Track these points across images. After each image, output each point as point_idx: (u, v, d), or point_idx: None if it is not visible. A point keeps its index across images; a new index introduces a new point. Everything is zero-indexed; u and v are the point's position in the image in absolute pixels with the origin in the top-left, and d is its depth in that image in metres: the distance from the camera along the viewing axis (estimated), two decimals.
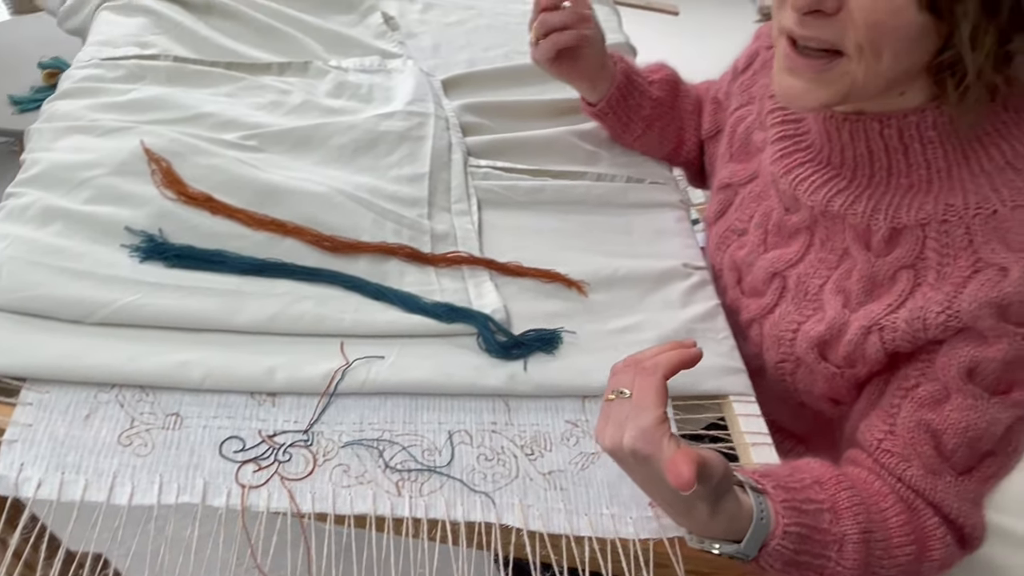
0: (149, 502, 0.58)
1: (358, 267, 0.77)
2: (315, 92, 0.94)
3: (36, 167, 0.75)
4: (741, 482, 0.59)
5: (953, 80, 0.57)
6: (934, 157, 0.62)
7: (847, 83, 0.59)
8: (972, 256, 0.60)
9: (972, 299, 0.60)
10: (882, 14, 0.54)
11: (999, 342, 0.60)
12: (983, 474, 0.64)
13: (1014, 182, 0.59)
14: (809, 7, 0.56)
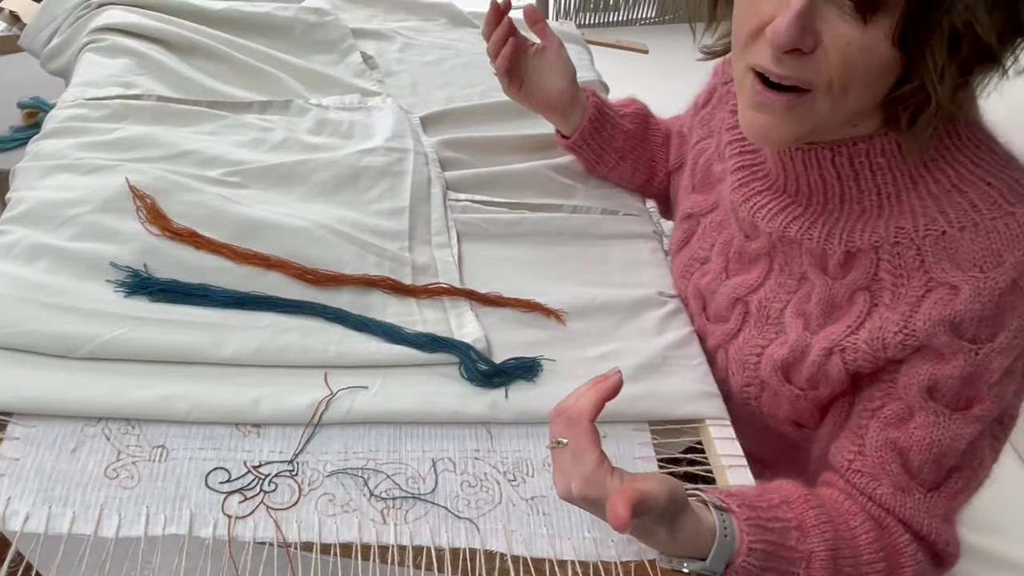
0: (136, 534, 0.59)
1: (341, 299, 0.79)
2: (296, 129, 0.96)
3: (22, 205, 0.76)
4: (705, 501, 0.61)
5: (906, 111, 0.60)
6: (884, 183, 0.65)
7: (813, 118, 0.61)
8: (924, 276, 0.63)
9: (926, 318, 0.62)
10: (856, 51, 0.56)
11: (955, 359, 0.62)
12: (951, 490, 0.66)
13: (960, 204, 0.62)
14: (791, 46, 0.57)
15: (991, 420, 0.64)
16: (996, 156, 0.63)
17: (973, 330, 0.61)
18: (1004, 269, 0.60)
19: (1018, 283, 0.60)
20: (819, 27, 0.56)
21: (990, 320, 0.61)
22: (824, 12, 0.55)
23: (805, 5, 0.54)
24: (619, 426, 0.76)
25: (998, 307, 0.60)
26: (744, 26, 0.60)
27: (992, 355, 0.61)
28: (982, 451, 0.65)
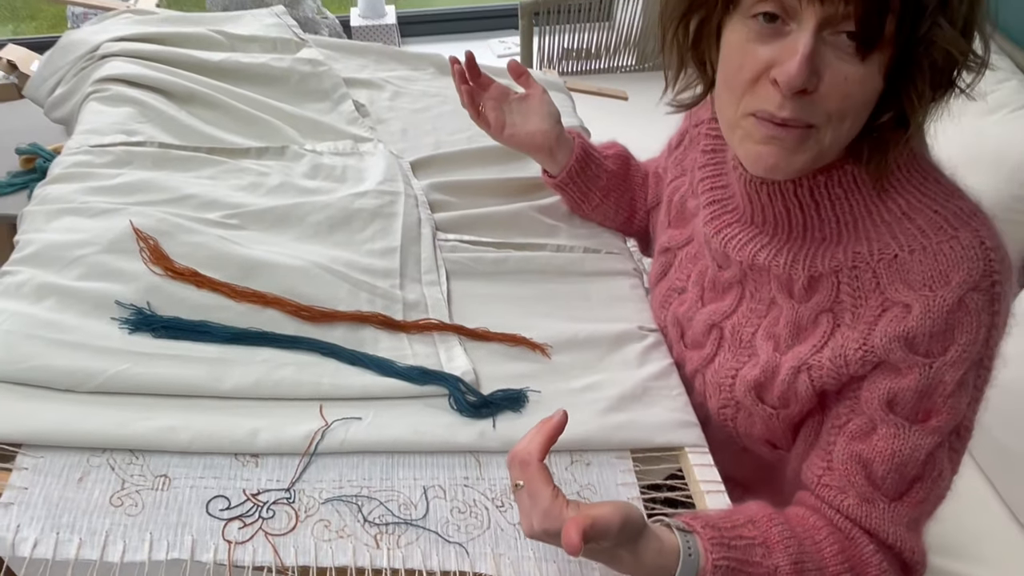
0: (140, 559, 0.61)
1: (335, 335, 0.82)
2: (292, 174, 1.01)
3: (31, 247, 0.80)
4: (670, 525, 0.65)
5: (871, 142, 0.65)
6: (841, 212, 0.70)
7: (817, 149, 0.65)
8: (880, 297, 0.68)
9: (883, 335, 0.67)
10: (853, 86, 0.60)
11: (911, 373, 0.66)
12: (913, 499, 0.70)
13: (910, 230, 0.67)
14: (801, 87, 0.60)
15: (948, 432, 0.68)
16: (941, 186, 0.68)
17: (926, 345, 0.66)
18: (951, 288, 0.65)
19: (964, 300, 0.65)
20: (821, 68, 0.60)
21: (941, 335, 0.65)
22: (824, 54, 0.60)
23: (811, 49, 0.59)
24: (602, 454, 0.80)
25: (947, 323, 0.65)
26: (742, 74, 0.64)
27: (945, 368, 0.66)
28: (941, 462, 0.69)
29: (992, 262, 0.65)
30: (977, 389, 0.69)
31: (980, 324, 0.65)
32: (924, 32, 0.57)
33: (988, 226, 0.67)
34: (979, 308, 0.65)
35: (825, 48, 0.60)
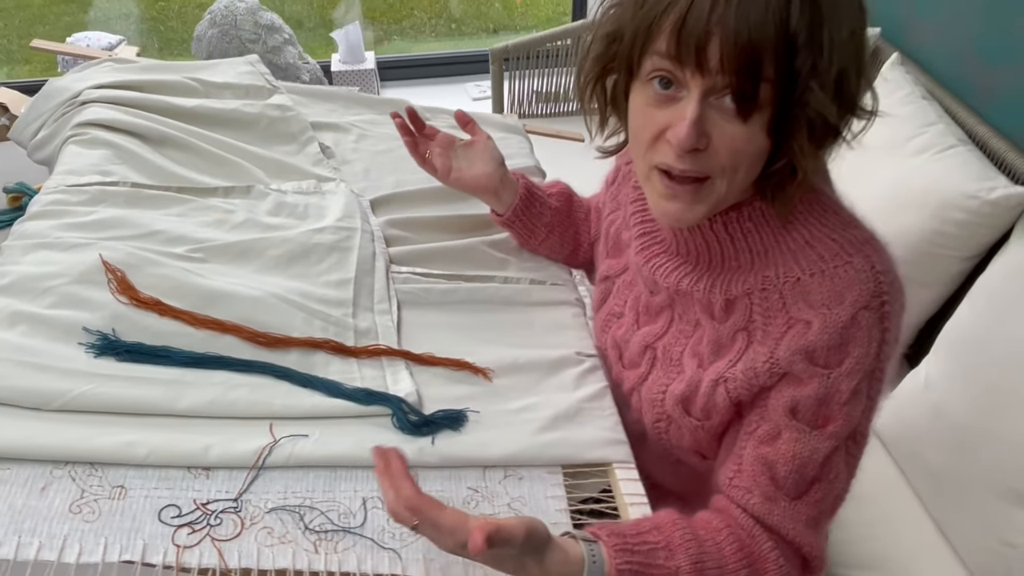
0: (95, 560, 0.67)
1: (289, 359, 0.89)
2: (256, 211, 1.08)
3: (6, 278, 0.87)
4: (575, 536, 0.71)
5: (771, 184, 0.73)
6: (752, 243, 0.78)
7: (715, 198, 0.73)
8: (785, 315, 0.75)
9: (787, 349, 0.74)
10: (739, 143, 0.69)
11: (811, 382, 0.74)
12: (812, 498, 0.76)
13: (811, 256, 0.75)
14: (691, 147, 0.69)
15: (844, 437, 0.75)
16: (839, 217, 0.76)
17: (824, 357, 0.73)
18: (845, 306, 0.72)
19: (856, 318, 0.72)
20: (709, 129, 0.69)
21: (837, 348, 0.73)
22: (711, 116, 0.68)
23: (698, 114, 0.68)
24: (535, 469, 0.86)
25: (842, 337, 0.72)
26: (644, 133, 0.73)
27: (840, 378, 0.73)
28: (838, 465, 0.76)
29: (882, 284, 0.73)
30: (870, 399, 0.76)
31: (871, 339, 0.73)
32: (798, 96, 0.65)
33: (880, 252, 0.75)
34: (870, 324, 0.72)
35: (712, 111, 0.68)
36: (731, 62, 0.64)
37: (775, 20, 0.63)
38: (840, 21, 0.65)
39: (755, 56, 0.63)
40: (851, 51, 0.66)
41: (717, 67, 0.65)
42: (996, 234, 1.25)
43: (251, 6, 2.21)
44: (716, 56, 0.64)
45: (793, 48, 0.64)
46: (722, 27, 0.63)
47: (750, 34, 0.63)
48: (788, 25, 0.63)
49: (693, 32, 0.64)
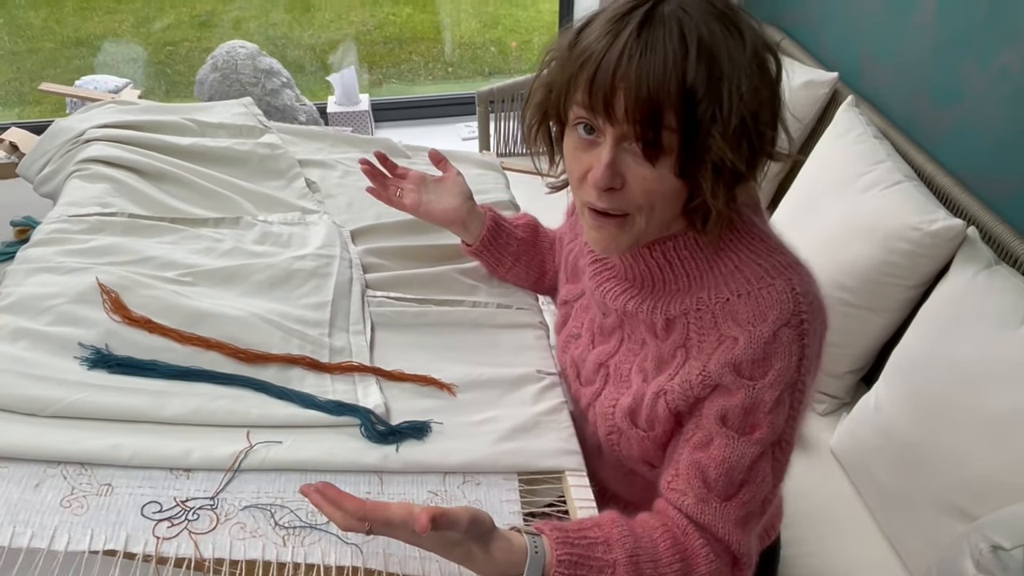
0: (81, 549, 0.74)
1: (267, 374, 0.97)
2: (243, 240, 1.17)
3: (9, 298, 0.95)
4: (520, 530, 0.78)
5: (698, 217, 0.81)
6: (688, 268, 0.86)
7: (636, 231, 0.82)
8: (717, 333, 0.83)
9: (717, 362, 0.82)
10: (651, 184, 0.78)
11: (739, 392, 0.81)
12: (741, 500, 0.83)
13: (739, 279, 0.83)
14: (607, 187, 0.78)
15: (770, 444, 0.82)
16: (766, 244, 0.84)
17: (749, 370, 0.80)
18: (767, 324, 0.80)
19: (778, 334, 0.79)
20: (623, 171, 0.78)
21: (761, 362, 0.80)
22: (626, 160, 0.77)
23: (612, 158, 0.77)
24: (492, 476, 0.93)
25: (765, 352, 0.80)
26: (573, 174, 0.83)
27: (764, 389, 0.80)
28: (764, 469, 0.83)
29: (801, 304, 0.80)
30: (793, 409, 0.83)
31: (791, 353, 0.80)
32: (701, 143, 0.74)
33: (801, 276, 0.83)
34: (790, 340, 0.80)
35: (625, 155, 0.77)
36: (634, 113, 0.73)
37: (674, 76, 0.71)
38: (739, 76, 0.73)
39: (655, 107, 0.72)
40: (754, 103, 0.74)
41: (623, 117, 0.73)
42: (938, 264, 1.33)
43: (251, 52, 2.33)
44: (622, 107, 0.73)
45: (693, 100, 0.72)
46: (625, 82, 0.72)
47: (650, 88, 0.71)
48: (685, 80, 0.71)
49: (601, 86, 0.73)
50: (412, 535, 0.73)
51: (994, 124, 1.41)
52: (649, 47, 0.72)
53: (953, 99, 1.51)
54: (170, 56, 4.11)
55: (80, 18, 4.34)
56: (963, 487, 1.13)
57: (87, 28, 4.27)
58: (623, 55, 0.73)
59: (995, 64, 1.40)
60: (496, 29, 4.45)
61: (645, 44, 0.72)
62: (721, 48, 0.72)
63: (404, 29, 4.39)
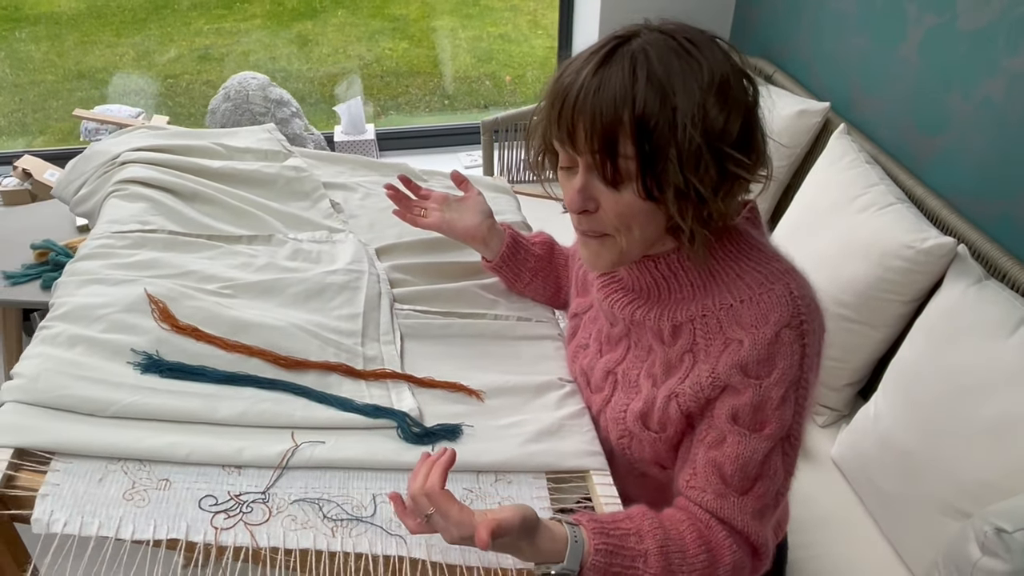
0: (146, 538, 0.79)
1: (306, 380, 1.02)
2: (276, 257, 1.22)
3: (64, 307, 1.00)
4: (560, 520, 0.83)
5: (682, 234, 0.87)
6: (691, 279, 0.92)
7: (617, 250, 0.89)
8: (722, 336, 0.89)
9: (725, 364, 0.87)
10: (621, 207, 0.84)
11: (747, 392, 0.87)
12: (756, 493, 0.88)
13: (740, 287, 0.89)
14: (581, 210, 0.86)
15: (779, 438, 0.88)
16: (763, 253, 0.91)
17: (756, 370, 0.86)
18: (769, 326, 0.86)
19: (779, 335, 0.86)
20: (596, 195, 0.85)
21: (765, 361, 0.86)
22: (596, 185, 0.85)
23: (583, 184, 0.84)
24: (522, 475, 0.98)
25: (769, 352, 0.86)
26: (564, 198, 0.90)
27: (770, 387, 0.86)
28: (776, 463, 0.88)
29: (799, 306, 0.87)
30: (799, 405, 0.89)
31: (793, 352, 0.86)
32: (660, 168, 0.80)
33: (797, 280, 0.89)
34: (791, 340, 0.86)
35: (596, 182, 0.84)
36: (591, 143, 0.80)
37: (625, 107, 0.78)
38: (692, 104, 0.78)
39: (611, 137, 0.79)
40: (714, 127, 0.79)
41: (585, 147, 0.81)
42: (931, 279, 1.40)
43: (262, 83, 2.41)
44: (582, 138, 0.81)
45: (646, 128, 0.78)
46: (583, 115, 0.80)
47: (603, 120, 0.78)
48: (635, 109, 0.77)
49: (565, 120, 0.81)
50: (462, 539, 0.78)
51: (979, 150, 1.50)
52: (603, 82, 0.79)
53: (940, 127, 1.60)
54: (171, 88, 4.19)
55: (81, 52, 4.42)
56: (961, 491, 1.19)
57: (88, 61, 4.35)
58: (581, 91, 0.80)
59: (978, 94, 1.50)
60: (490, 63, 4.57)
61: (600, 80, 0.79)
62: (675, 78, 0.78)
63: (401, 63, 4.49)
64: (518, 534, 0.78)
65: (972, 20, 1.51)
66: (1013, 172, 1.42)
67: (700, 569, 0.85)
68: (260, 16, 4.85)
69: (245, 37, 4.60)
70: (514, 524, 0.76)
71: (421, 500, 0.79)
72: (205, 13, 4.82)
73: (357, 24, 4.83)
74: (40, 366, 0.91)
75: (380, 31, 4.78)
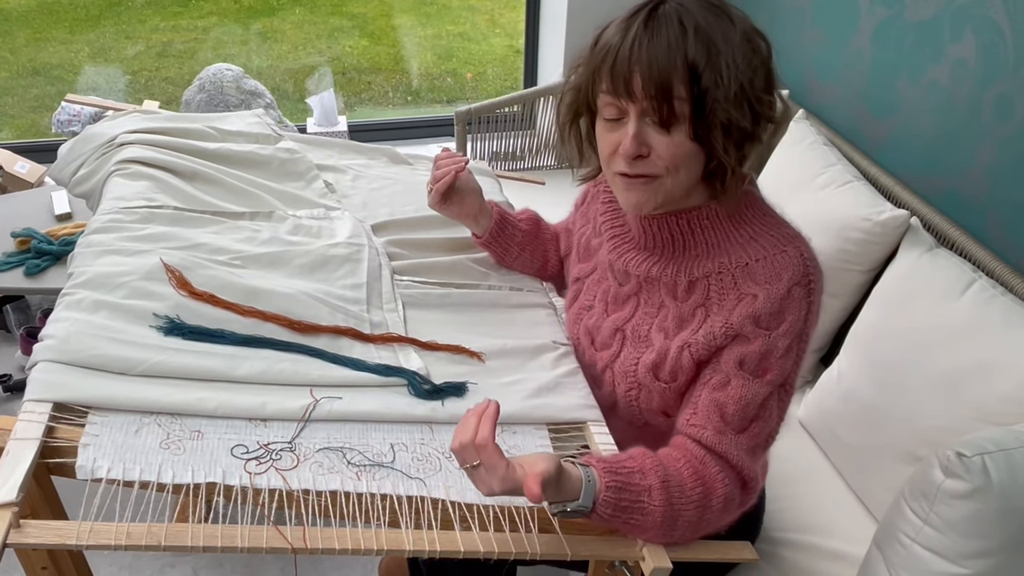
0: (186, 482, 0.84)
1: (319, 342, 1.07)
2: (278, 232, 1.27)
3: (84, 276, 1.04)
4: (574, 462, 0.90)
5: (716, 181, 0.96)
6: (709, 236, 1.01)
7: (664, 191, 0.96)
8: (736, 292, 0.98)
9: (739, 316, 0.96)
10: (672, 148, 0.92)
11: (756, 340, 0.96)
12: (752, 432, 0.97)
13: (755, 247, 0.98)
14: (636, 155, 0.93)
15: (778, 385, 0.97)
16: (775, 219, 1.01)
17: (767, 321, 0.95)
18: (783, 283, 0.95)
19: (791, 291, 0.95)
20: (648, 140, 0.92)
21: (776, 314, 0.95)
22: (648, 131, 0.92)
23: (637, 130, 0.91)
24: (526, 427, 1.06)
25: (780, 306, 0.95)
26: (605, 151, 0.97)
27: (778, 338, 0.95)
28: (772, 407, 0.98)
29: (808, 267, 0.96)
30: (798, 356, 0.98)
31: (801, 308, 0.96)
32: (709, 108, 0.89)
33: (805, 244, 0.99)
34: (800, 297, 0.95)
35: (647, 127, 0.92)
36: (648, 89, 0.88)
37: (678, 55, 0.87)
38: (732, 52, 0.88)
39: (666, 82, 0.88)
40: (748, 72, 0.89)
41: (641, 94, 0.89)
42: (887, 250, 1.52)
43: (236, 74, 2.44)
44: (639, 86, 0.89)
45: (696, 73, 0.87)
46: (639, 65, 0.88)
47: (659, 67, 0.87)
48: (687, 57, 0.87)
49: (621, 72, 0.89)
50: (505, 491, 0.81)
51: (927, 131, 1.62)
52: (655, 34, 0.88)
53: (891, 111, 1.72)
54: (130, 85, 4.15)
55: (34, 49, 4.35)
56: (919, 438, 1.30)
57: (42, 58, 4.28)
58: (634, 44, 0.89)
59: (925, 80, 1.62)
60: (451, 61, 4.63)
61: (652, 32, 0.88)
62: (715, 31, 0.88)
63: (362, 60, 4.53)
64: (554, 481, 0.83)
65: (919, 11, 1.63)
66: (958, 151, 1.55)
67: (697, 500, 0.93)
68: (216, 13, 4.83)
69: (203, 34, 4.58)
70: (552, 473, 0.82)
71: (470, 451, 0.82)
72: (161, 10, 4.78)
73: (316, 22, 4.85)
74: (69, 328, 0.95)
75: (340, 29, 4.81)
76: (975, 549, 0.95)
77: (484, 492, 0.84)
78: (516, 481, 0.81)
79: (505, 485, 0.81)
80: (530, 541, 0.89)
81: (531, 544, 0.88)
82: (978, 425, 1.20)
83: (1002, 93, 1.44)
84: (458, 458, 0.84)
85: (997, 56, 1.44)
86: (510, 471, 0.81)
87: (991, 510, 0.93)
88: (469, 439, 0.82)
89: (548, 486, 0.82)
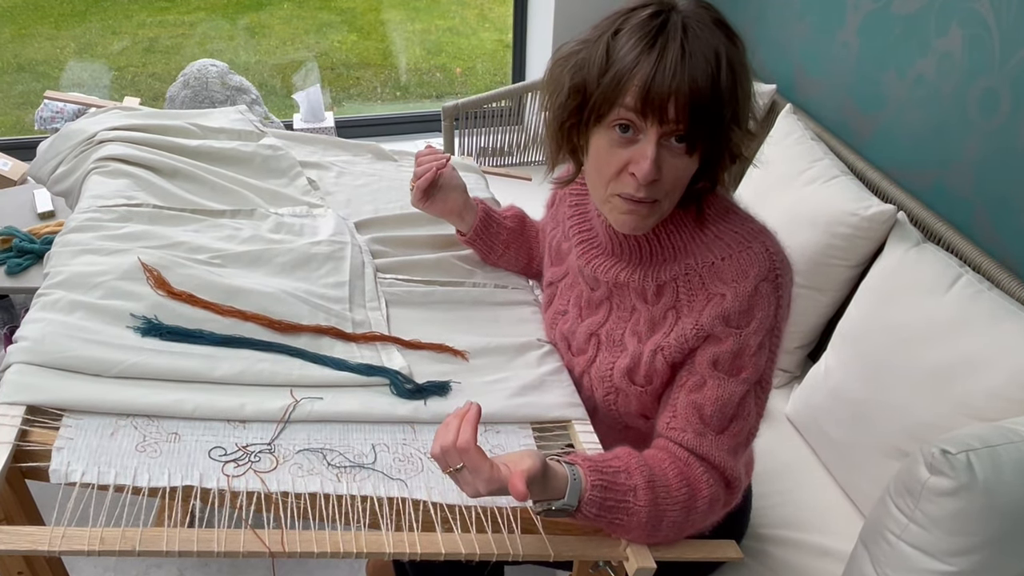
0: (162, 485, 0.82)
1: (300, 342, 1.06)
2: (260, 230, 1.26)
3: (60, 276, 1.03)
4: (559, 460, 0.89)
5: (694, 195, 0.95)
6: (675, 240, 1.00)
7: (660, 214, 0.95)
8: (705, 292, 0.97)
9: (709, 316, 0.95)
10: (681, 172, 0.90)
11: (728, 340, 0.95)
12: (731, 432, 0.96)
13: (721, 246, 0.97)
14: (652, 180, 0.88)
15: (753, 382, 0.96)
16: (739, 216, 0.99)
17: (736, 320, 0.95)
18: (749, 280, 0.94)
19: (758, 288, 0.94)
20: (661, 163, 0.88)
21: (745, 312, 0.94)
22: (662, 153, 0.88)
23: (655, 154, 0.87)
24: (509, 426, 1.05)
25: (749, 303, 0.94)
26: (608, 168, 0.92)
27: (749, 335, 0.94)
28: (750, 405, 0.97)
29: (774, 261, 0.95)
30: (772, 351, 0.97)
31: (770, 303, 0.95)
32: (724, 134, 0.88)
33: (771, 239, 0.98)
34: (768, 293, 0.95)
35: (663, 150, 0.88)
36: (686, 114, 0.84)
37: (711, 82, 0.84)
38: (747, 80, 0.88)
39: (701, 108, 0.85)
40: (750, 100, 0.90)
41: (675, 117, 0.85)
42: (874, 244, 1.51)
43: (221, 70, 2.41)
44: (674, 110, 0.84)
45: (721, 100, 0.85)
46: (679, 89, 0.83)
47: (698, 93, 0.84)
48: (719, 85, 0.84)
49: (658, 93, 0.84)
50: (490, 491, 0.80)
51: (914, 125, 1.62)
52: (692, 60, 0.84)
53: (878, 105, 1.72)
54: (116, 81, 4.12)
55: (19, 44, 4.30)
56: (905, 434, 1.29)
57: (27, 54, 4.24)
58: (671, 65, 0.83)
59: (912, 73, 1.62)
60: (440, 56, 4.61)
61: (690, 57, 0.84)
62: (736, 58, 0.87)
63: (351, 55, 4.50)
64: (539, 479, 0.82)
65: (905, 4, 1.62)
66: (945, 145, 1.54)
67: (682, 501, 0.92)
68: (204, 8, 4.79)
69: (190, 30, 4.55)
70: (537, 471, 0.81)
71: (452, 454, 0.81)
72: (147, 6, 4.74)
73: (305, 17, 4.82)
74: (44, 329, 0.94)
75: (328, 23, 4.78)
76: (960, 546, 0.94)
77: (469, 494, 0.82)
78: (501, 481, 0.80)
79: (491, 486, 0.80)
80: (512, 542, 0.88)
81: (514, 545, 0.87)
82: (965, 420, 1.19)
83: (988, 87, 1.43)
84: (439, 462, 0.83)
85: (983, 50, 1.44)
86: (494, 471, 0.80)
87: (976, 507, 0.92)
88: (450, 443, 0.80)
89: (533, 483, 0.81)
